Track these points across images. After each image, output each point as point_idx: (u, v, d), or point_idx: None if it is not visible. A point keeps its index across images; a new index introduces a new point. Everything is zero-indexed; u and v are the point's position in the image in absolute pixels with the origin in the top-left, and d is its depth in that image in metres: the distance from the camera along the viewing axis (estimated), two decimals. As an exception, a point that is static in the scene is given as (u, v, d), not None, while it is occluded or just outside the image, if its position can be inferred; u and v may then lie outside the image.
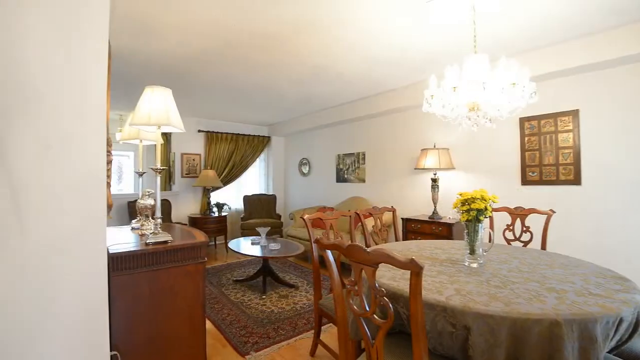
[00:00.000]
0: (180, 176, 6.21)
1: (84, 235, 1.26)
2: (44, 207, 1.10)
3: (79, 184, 1.22)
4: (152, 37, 2.83)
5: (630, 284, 1.47)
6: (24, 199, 1.04)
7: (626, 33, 2.66)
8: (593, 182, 3.08)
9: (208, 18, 2.52)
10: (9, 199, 1.01)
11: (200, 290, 1.96)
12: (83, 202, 1.24)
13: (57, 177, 1.14)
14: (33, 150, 1.07)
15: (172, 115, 1.90)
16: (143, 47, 3.02)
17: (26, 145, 1.05)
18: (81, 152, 1.23)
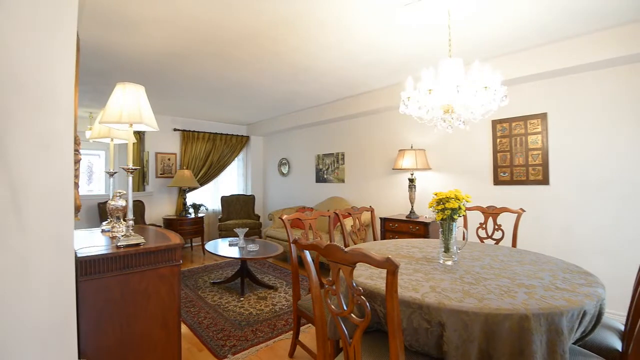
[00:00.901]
0: (155, 176, 6.03)
1: (49, 238, 1.19)
2: (2, 208, 1.04)
3: (44, 184, 1.15)
4: (126, 31, 2.73)
5: (593, 278, 1.55)
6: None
7: (592, 40, 2.81)
8: (560, 182, 3.24)
9: (185, 13, 2.45)
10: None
11: (175, 293, 1.90)
12: (47, 204, 1.18)
13: (19, 177, 1.08)
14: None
15: (145, 113, 1.83)
16: (116, 41, 2.91)
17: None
18: (48, 151, 1.16)
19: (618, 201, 2.92)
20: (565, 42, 2.94)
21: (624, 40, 2.65)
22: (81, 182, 2.69)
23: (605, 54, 2.75)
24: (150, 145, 6.00)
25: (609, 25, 2.66)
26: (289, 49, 3.13)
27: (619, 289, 2.75)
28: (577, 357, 1.39)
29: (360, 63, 3.52)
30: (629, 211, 2.86)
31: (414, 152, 4.07)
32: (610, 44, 2.72)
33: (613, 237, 2.93)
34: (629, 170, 2.87)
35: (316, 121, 5.63)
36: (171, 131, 6.20)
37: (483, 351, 1.16)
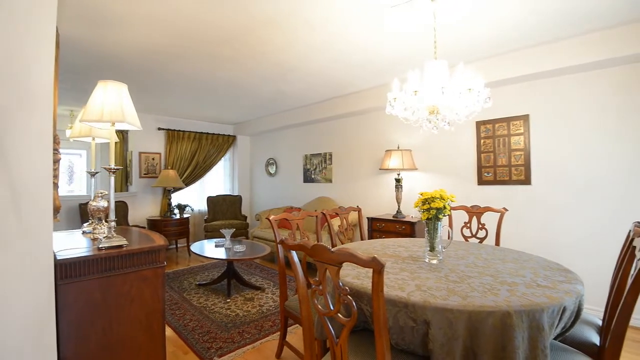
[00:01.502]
0: (139, 176, 5.90)
1: (26, 240, 1.15)
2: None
3: (22, 184, 1.11)
4: (109, 28, 2.66)
5: (572, 275, 1.60)
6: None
7: (573, 44, 2.89)
8: (541, 182, 3.33)
9: (170, 10, 2.41)
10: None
11: (159, 295, 1.87)
12: (25, 205, 1.14)
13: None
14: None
15: (128, 112, 1.79)
16: (98, 37, 2.83)
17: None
18: (25, 150, 1.13)
19: (596, 201, 3.02)
20: (546, 46, 3.02)
21: (604, 44, 2.75)
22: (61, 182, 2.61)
23: (585, 58, 2.84)
24: (134, 145, 5.88)
25: (590, 30, 2.75)
26: (276, 48, 3.12)
27: (597, 285, 2.84)
28: (558, 352, 1.43)
29: (347, 64, 3.53)
30: (607, 211, 2.96)
31: (401, 152, 4.11)
32: (590, 47, 2.81)
33: (591, 235, 3.03)
34: (607, 171, 2.97)
35: (304, 121, 5.63)
36: (155, 130, 6.09)
37: (467, 348, 1.18)
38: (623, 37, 2.66)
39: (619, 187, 2.91)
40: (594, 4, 2.35)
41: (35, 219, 1.20)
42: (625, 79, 2.88)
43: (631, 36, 2.63)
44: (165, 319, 1.94)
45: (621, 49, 2.68)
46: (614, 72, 2.93)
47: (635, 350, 2.46)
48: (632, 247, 1.49)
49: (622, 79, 2.89)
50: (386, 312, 1.19)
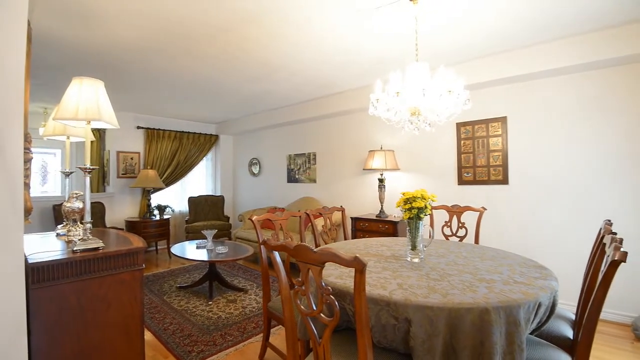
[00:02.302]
0: (116, 176, 5.73)
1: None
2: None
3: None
4: (85, 23, 2.57)
5: (547, 272, 1.65)
6: None
7: (547, 50, 3.00)
8: (518, 182, 3.43)
9: (151, 5, 2.35)
10: None
11: (138, 299, 1.82)
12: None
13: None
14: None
15: (104, 110, 1.74)
16: (73, 33, 2.73)
17: None
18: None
19: (570, 200, 3.14)
20: (524, 50, 3.12)
21: (577, 50, 2.86)
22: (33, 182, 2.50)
23: (559, 63, 2.96)
24: (112, 144, 5.71)
25: (564, 35, 2.86)
26: (260, 47, 3.09)
27: (570, 281, 2.96)
28: (533, 347, 1.48)
29: (331, 64, 3.54)
30: (580, 209, 3.09)
31: (384, 152, 4.15)
32: (564, 52, 2.92)
33: (565, 233, 3.15)
34: (579, 171, 3.10)
35: (288, 121, 5.60)
36: (134, 129, 5.93)
37: (447, 344, 1.20)
38: (595, 44, 2.78)
39: (590, 186, 3.04)
40: (568, 11, 2.44)
41: (5, 220, 1.14)
42: (596, 83, 3.01)
43: (602, 43, 2.75)
44: (144, 322, 1.89)
45: (593, 55, 2.80)
46: (585, 77, 3.05)
47: (606, 343, 2.58)
48: (602, 244, 1.56)
49: (593, 84, 3.02)
50: (368, 311, 1.20)
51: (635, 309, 2.82)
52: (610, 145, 2.94)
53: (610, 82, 2.94)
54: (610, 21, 2.61)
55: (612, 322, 2.90)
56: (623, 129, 2.89)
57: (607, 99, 2.96)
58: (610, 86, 2.94)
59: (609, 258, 1.22)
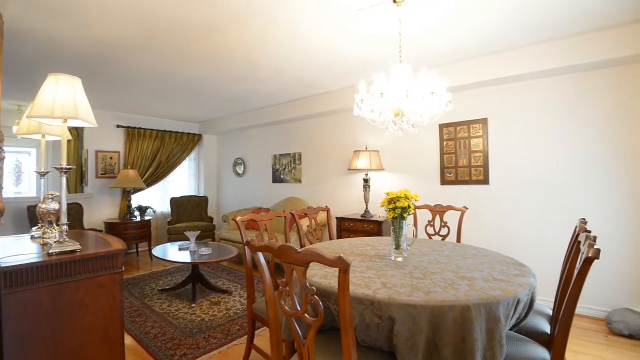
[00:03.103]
0: (95, 176, 5.56)
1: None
2: None
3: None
4: (62, 17, 2.49)
5: (525, 269, 1.70)
6: None
7: (526, 53, 3.10)
8: (499, 182, 3.52)
9: (132, 1, 2.29)
10: None
11: (117, 302, 1.77)
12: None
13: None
14: None
15: (81, 108, 1.68)
16: (50, 27, 2.64)
17: None
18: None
19: (548, 199, 3.24)
20: (503, 54, 3.21)
21: (555, 54, 2.96)
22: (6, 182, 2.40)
23: (538, 66, 3.05)
24: (90, 143, 5.53)
25: (544, 39, 2.95)
26: (246, 46, 3.06)
27: (549, 277, 3.05)
28: (513, 342, 1.51)
29: (316, 64, 3.54)
30: (557, 208, 3.19)
31: (369, 153, 4.18)
32: (543, 56, 3.02)
33: (543, 231, 3.26)
34: (556, 171, 3.20)
35: (273, 121, 5.57)
36: (114, 128, 5.77)
37: (430, 342, 1.22)
38: (573, 48, 2.88)
39: (566, 186, 3.15)
40: (546, 16, 2.52)
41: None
42: (572, 87, 3.12)
43: (580, 47, 2.85)
44: (124, 327, 1.85)
45: (571, 58, 2.90)
46: (562, 81, 3.16)
47: (581, 337, 2.68)
48: (577, 241, 1.62)
49: (570, 87, 3.13)
50: (352, 311, 1.20)
51: (609, 304, 2.94)
52: (586, 146, 3.06)
53: (586, 86, 3.06)
54: (585, 27, 2.71)
55: (587, 317, 3.01)
56: (598, 131, 3.01)
57: (582, 102, 3.07)
58: (586, 90, 3.06)
59: (583, 255, 1.26)
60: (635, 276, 2.86)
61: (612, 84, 2.93)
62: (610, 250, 2.90)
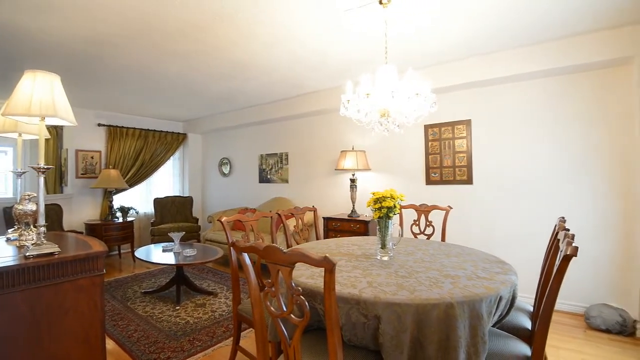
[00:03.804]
0: (75, 177, 5.40)
1: None
2: None
3: None
4: (40, 12, 2.40)
5: (507, 266, 1.74)
6: None
7: (509, 56, 3.17)
8: (482, 182, 3.60)
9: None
10: None
11: (98, 306, 1.72)
12: None
13: None
14: None
15: (60, 105, 1.63)
16: (27, 23, 2.54)
17: None
18: None
19: (527, 198, 3.33)
20: (488, 56, 3.28)
21: (537, 57, 3.05)
22: (-22, 183, 2.31)
23: (521, 68, 3.13)
24: (70, 142, 5.37)
25: (527, 43, 3.03)
26: (232, 45, 3.03)
27: (530, 275, 3.13)
28: (495, 338, 1.55)
29: (303, 64, 3.54)
30: (538, 207, 3.28)
31: (355, 153, 4.20)
32: (526, 59, 3.10)
33: (525, 229, 3.34)
34: (536, 171, 3.29)
35: (259, 120, 5.54)
36: (95, 126, 5.61)
37: (415, 339, 1.23)
38: (555, 51, 2.97)
39: (547, 186, 3.24)
40: (530, 20, 2.59)
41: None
42: (555, 89, 3.21)
43: (560, 51, 2.94)
44: (105, 330, 1.80)
45: (553, 61, 2.99)
46: (545, 83, 3.25)
47: (560, 332, 2.76)
48: (557, 239, 1.67)
49: (553, 89, 3.22)
50: (338, 310, 1.21)
51: (587, 300, 3.04)
52: (567, 148, 3.15)
53: (567, 89, 3.15)
54: (567, 31, 2.80)
55: (566, 313, 3.11)
56: (578, 133, 3.11)
57: (564, 105, 3.17)
58: (568, 92, 3.15)
59: (562, 253, 1.30)
60: (612, 273, 2.96)
61: (593, 86, 3.03)
62: (589, 248, 3.00)
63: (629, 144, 2.87)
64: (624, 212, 2.91)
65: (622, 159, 2.91)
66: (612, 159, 2.96)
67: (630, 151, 2.86)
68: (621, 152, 2.92)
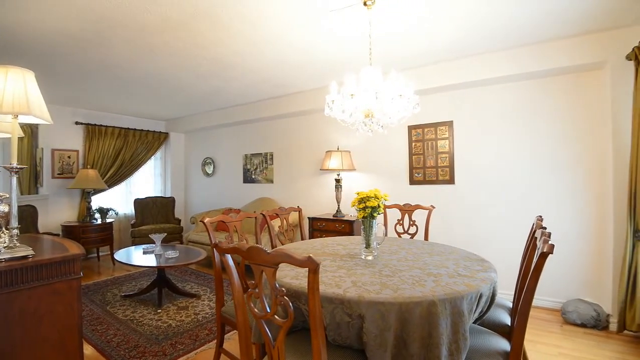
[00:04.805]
0: (51, 177, 5.21)
1: None
2: None
3: None
4: (11, 5, 2.30)
5: (488, 264, 1.79)
6: None
7: (490, 59, 3.25)
8: (463, 182, 3.67)
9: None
10: None
11: (75, 311, 1.67)
12: None
13: None
14: None
15: (34, 103, 1.57)
16: (1, 14, 2.44)
17: None
18: None
19: (507, 198, 3.42)
20: (469, 60, 3.36)
21: (517, 60, 3.13)
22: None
23: (501, 71, 3.22)
24: (46, 141, 5.17)
25: (504, 47, 3.12)
26: (214, 43, 2.98)
27: (510, 272, 3.21)
28: (476, 334, 1.58)
29: (288, 63, 3.52)
30: (518, 206, 3.38)
31: (340, 153, 4.22)
32: (506, 62, 3.19)
33: (505, 227, 3.43)
34: (515, 172, 3.39)
35: (244, 120, 5.48)
36: (72, 125, 5.43)
37: (398, 337, 1.25)
38: (530, 55, 3.07)
39: (526, 186, 3.34)
40: (513, 25, 2.66)
41: None
42: (533, 92, 3.31)
43: (537, 55, 3.04)
44: (82, 336, 1.74)
45: (528, 65, 3.08)
46: (524, 86, 3.35)
47: (538, 327, 2.84)
48: (534, 238, 1.72)
49: (529, 92, 3.32)
50: (322, 310, 1.21)
51: (564, 295, 3.15)
52: (545, 149, 3.26)
53: (545, 92, 3.25)
54: (545, 36, 2.89)
55: (544, 308, 3.21)
56: (554, 135, 3.21)
57: (542, 107, 3.27)
58: (546, 95, 3.25)
59: (539, 250, 1.34)
60: (587, 269, 3.08)
61: (569, 90, 3.14)
62: (565, 246, 3.11)
63: (601, 147, 2.99)
64: (597, 212, 3.03)
65: (596, 160, 3.03)
66: (587, 161, 3.07)
67: (603, 152, 2.98)
68: (594, 154, 3.04)
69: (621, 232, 2.74)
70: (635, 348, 2.47)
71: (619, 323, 2.61)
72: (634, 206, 2.53)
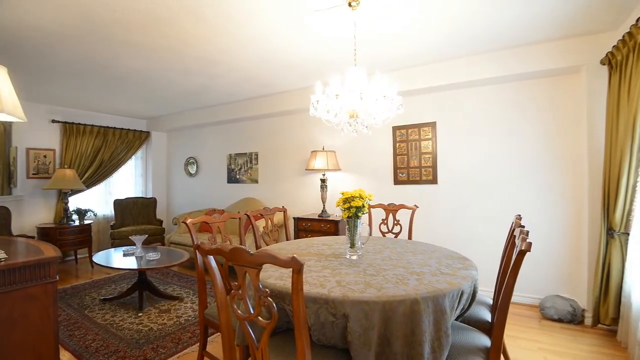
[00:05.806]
0: (26, 177, 5.01)
1: None
2: None
3: None
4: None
5: (469, 262, 1.82)
6: None
7: (473, 61, 3.32)
8: (446, 182, 3.74)
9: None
10: None
11: (51, 315, 1.61)
12: None
13: None
14: None
15: (7, 100, 1.51)
16: (-37, 9, 2.33)
17: None
18: None
19: (489, 198, 3.51)
20: (451, 62, 3.42)
21: (500, 63, 3.21)
22: None
23: (483, 74, 3.29)
24: (20, 139, 4.97)
25: (489, 50, 3.19)
26: (199, 40, 2.93)
27: (490, 269, 3.29)
28: (458, 331, 1.61)
29: (273, 63, 3.50)
30: (499, 205, 3.47)
31: (326, 153, 4.22)
32: (486, 65, 3.26)
33: (487, 226, 3.51)
34: (496, 172, 3.47)
35: (228, 119, 5.42)
36: (49, 123, 5.24)
37: (382, 336, 1.26)
38: (510, 59, 3.15)
39: (504, 186, 3.43)
40: (495, 29, 2.73)
41: None
42: (514, 94, 3.40)
43: (516, 58, 3.12)
44: (59, 341, 1.68)
45: (513, 68, 3.16)
46: (505, 88, 3.43)
47: (518, 322, 2.92)
48: (513, 236, 1.77)
49: (512, 94, 3.41)
50: (306, 311, 1.20)
51: (542, 292, 3.25)
52: (523, 150, 3.35)
53: (526, 94, 3.34)
54: (526, 40, 2.98)
55: (523, 304, 3.30)
56: (532, 136, 3.31)
57: (522, 109, 3.36)
58: (526, 97, 3.34)
59: (517, 248, 1.38)
60: (564, 266, 3.18)
61: (549, 93, 3.24)
62: (543, 243, 3.21)
63: (578, 149, 3.10)
64: (573, 212, 3.14)
65: (572, 161, 3.14)
66: (563, 162, 3.18)
67: (578, 153, 3.09)
68: (571, 155, 3.14)
69: (595, 230, 2.85)
70: (608, 341, 2.58)
71: (593, 317, 2.72)
72: (607, 205, 2.63)
